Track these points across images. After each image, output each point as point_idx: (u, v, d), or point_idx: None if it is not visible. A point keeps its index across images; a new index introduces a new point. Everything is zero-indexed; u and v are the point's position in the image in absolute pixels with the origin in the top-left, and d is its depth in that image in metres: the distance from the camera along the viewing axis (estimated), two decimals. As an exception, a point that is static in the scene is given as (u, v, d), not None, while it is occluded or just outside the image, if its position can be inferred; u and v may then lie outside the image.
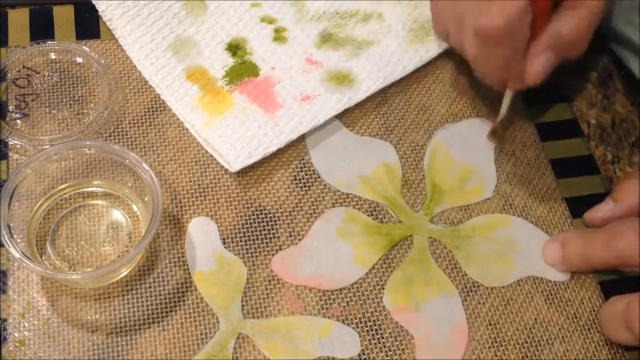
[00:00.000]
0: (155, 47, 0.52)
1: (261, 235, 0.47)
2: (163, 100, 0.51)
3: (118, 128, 0.50)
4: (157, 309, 0.44)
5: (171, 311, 0.44)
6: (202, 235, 0.47)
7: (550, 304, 0.47)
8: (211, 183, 0.49)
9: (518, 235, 0.49)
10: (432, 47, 0.55)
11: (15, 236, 0.42)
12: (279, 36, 0.55)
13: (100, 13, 0.53)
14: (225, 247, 0.46)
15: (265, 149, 0.49)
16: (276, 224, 0.48)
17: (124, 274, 0.45)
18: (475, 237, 0.48)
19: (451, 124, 0.53)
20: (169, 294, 0.45)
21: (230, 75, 0.52)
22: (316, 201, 0.49)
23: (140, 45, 0.52)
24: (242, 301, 0.45)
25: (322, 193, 0.49)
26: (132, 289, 0.45)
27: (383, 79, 0.53)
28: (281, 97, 0.51)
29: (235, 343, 0.43)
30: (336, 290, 0.46)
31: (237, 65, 0.53)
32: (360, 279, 0.46)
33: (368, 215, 0.49)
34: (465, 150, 0.52)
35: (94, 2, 0.53)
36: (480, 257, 0.48)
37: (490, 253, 0.48)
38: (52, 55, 0.52)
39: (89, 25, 0.54)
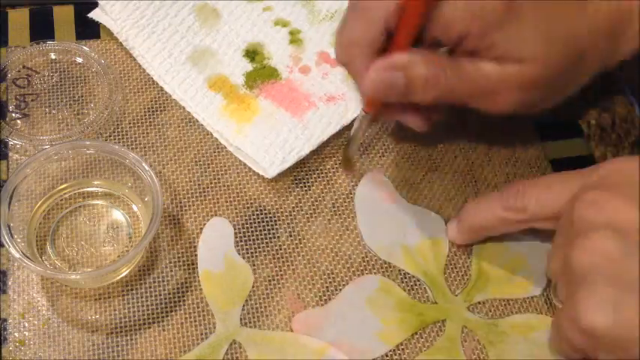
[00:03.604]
0: (174, 62, 0.52)
1: (261, 235, 0.47)
2: (163, 100, 0.52)
3: (118, 128, 0.50)
4: (157, 309, 0.44)
5: (171, 311, 0.44)
6: (217, 235, 0.47)
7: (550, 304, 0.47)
8: (211, 183, 0.49)
9: None
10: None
11: (15, 236, 0.42)
12: (294, 38, 0.55)
13: (115, 34, 0.53)
14: (237, 251, 0.46)
15: (299, 153, 0.49)
16: (276, 224, 0.48)
17: (124, 274, 0.45)
18: (513, 335, 0.45)
19: None
20: (169, 294, 0.45)
21: (251, 81, 0.52)
22: (316, 201, 0.49)
23: (159, 61, 0.52)
24: (243, 309, 0.45)
25: (322, 193, 0.49)
26: (132, 289, 0.45)
27: None
28: (306, 99, 0.51)
29: (228, 349, 0.43)
30: None
31: (257, 70, 0.53)
32: (382, 355, 0.44)
33: (403, 289, 0.46)
34: (520, 239, 0.48)
35: (107, 26, 0.53)
36: (514, 359, 0.44)
37: (525, 356, 0.44)
38: (52, 55, 0.52)
39: (89, 25, 0.54)
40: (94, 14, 0.54)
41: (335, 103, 0.51)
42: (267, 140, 0.49)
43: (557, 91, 0.44)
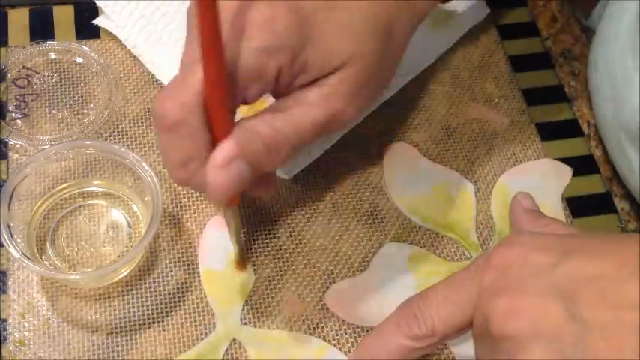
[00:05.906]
0: (176, 62, 0.52)
1: (261, 235, 0.47)
2: (163, 100, 0.51)
3: (118, 128, 0.50)
4: (157, 309, 0.44)
5: (171, 311, 0.44)
6: (219, 233, 0.47)
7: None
8: (211, 183, 0.49)
9: None
10: (458, 29, 0.55)
11: (15, 236, 0.42)
12: None
13: (123, 42, 0.53)
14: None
15: (314, 154, 0.49)
16: (276, 224, 0.48)
17: (124, 274, 0.45)
18: None
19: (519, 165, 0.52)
20: (169, 294, 0.45)
21: None
22: (316, 201, 0.49)
23: (168, 66, 0.52)
24: (243, 308, 0.45)
25: (322, 193, 0.49)
26: (132, 289, 0.45)
27: (413, 67, 0.53)
28: None
29: (227, 348, 0.43)
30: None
31: None
32: None
33: (433, 252, 0.48)
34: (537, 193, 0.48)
35: (114, 33, 0.53)
36: None
37: None
38: (52, 55, 0.52)
39: (89, 25, 0.54)
40: (98, 21, 0.53)
41: None
42: None
43: (386, 74, 0.40)
